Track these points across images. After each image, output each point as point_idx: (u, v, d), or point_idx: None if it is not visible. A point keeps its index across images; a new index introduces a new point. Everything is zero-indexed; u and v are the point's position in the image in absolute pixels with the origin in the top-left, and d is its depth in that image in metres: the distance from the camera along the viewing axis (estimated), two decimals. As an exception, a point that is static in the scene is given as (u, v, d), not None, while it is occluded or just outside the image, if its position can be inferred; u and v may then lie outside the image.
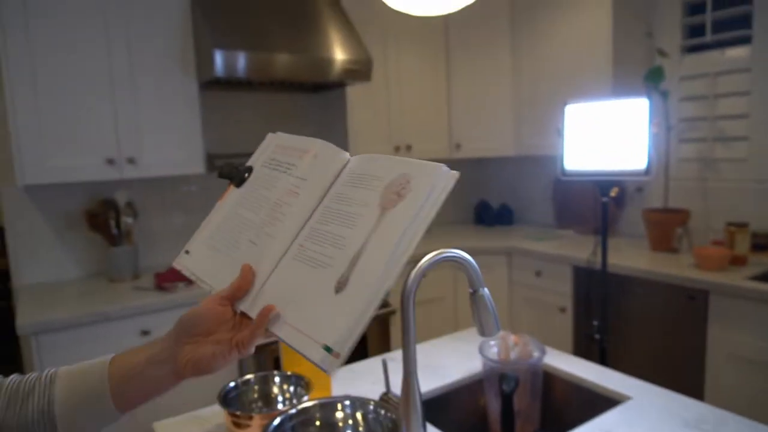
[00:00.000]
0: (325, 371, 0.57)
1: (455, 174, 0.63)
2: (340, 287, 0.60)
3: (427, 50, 2.98)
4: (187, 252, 0.74)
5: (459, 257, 0.98)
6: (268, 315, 0.61)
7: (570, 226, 3.04)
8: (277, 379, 1.06)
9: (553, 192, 3.14)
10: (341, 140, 2.77)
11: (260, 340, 0.62)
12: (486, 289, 1.02)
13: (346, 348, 0.57)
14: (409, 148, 2.93)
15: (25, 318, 1.80)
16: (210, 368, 0.61)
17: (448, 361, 1.37)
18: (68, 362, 0.64)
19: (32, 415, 0.59)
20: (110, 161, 2.14)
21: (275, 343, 2.17)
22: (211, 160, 2.62)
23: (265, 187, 0.74)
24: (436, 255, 0.96)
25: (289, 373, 1.07)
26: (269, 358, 2.23)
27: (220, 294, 0.64)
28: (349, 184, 0.68)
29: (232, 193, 0.76)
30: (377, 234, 0.61)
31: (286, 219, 0.69)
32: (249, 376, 1.05)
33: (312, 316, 0.59)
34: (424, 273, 0.95)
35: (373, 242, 0.60)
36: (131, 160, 2.18)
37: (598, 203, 1.76)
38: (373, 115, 2.82)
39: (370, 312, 0.57)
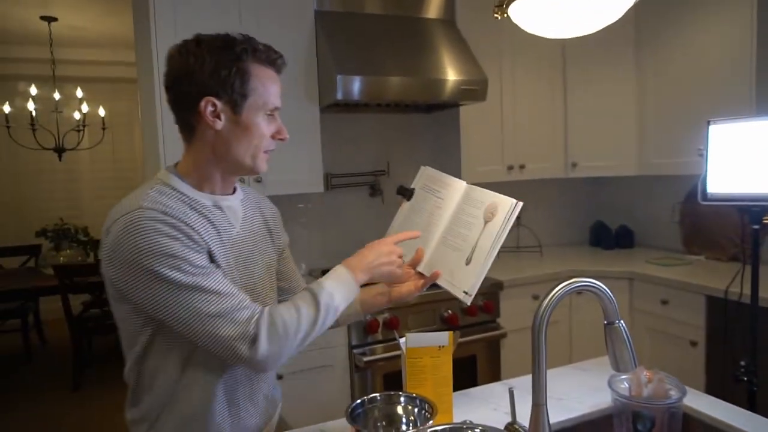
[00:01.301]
0: (465, 303, 1.08)
1: (520, 204, 1.08)
2: (468, 262, 1.11)
3: (543, 66, 2.91)
4: None
5: (595, 287, 0.94)
6: (437, 275, 1.15)
7: (701, 252, 2.79)
8: (402, 400, 1.08)
9: (682, 214, 2.90)
10: (454, 159, 2.77)
11: (428, 284, 1.17)
12: (622, 322, 0.97)
13: (474, 291, 1.08)
14: (522, 167, 2.87)
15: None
16: (406, 298, 1.20)
17: (573, 393, 1.30)
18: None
19: None
20: (241, 180, 2.31)
21: (382, 360, 2.19)
22: (328, 179, 2.74)
23: (423, 202, 1.26)
24: (569, 284, 0.93)
25: (414, 395, 1.08)
26: (377, 374, 2.27)
27: (407, 263, 1.18)
28: (467, 204, 1.18)
29: (405, 204, 1.30)
30: (483, 235, 1.10)
31: (435, 222, 1.22)
32: (375, 395, 1.08)
33: (456, 275, 1.11)
34: (557, 303, 0.92)
35: (482, 238, 1.10)
36: (258, 180, 2.34)
37: (746, 229, 1.60)
38: (487, 134, 2.79)
39: (484, 274, 1.08)
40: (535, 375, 0.92)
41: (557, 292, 0.91)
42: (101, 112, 4.67)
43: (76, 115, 4.51)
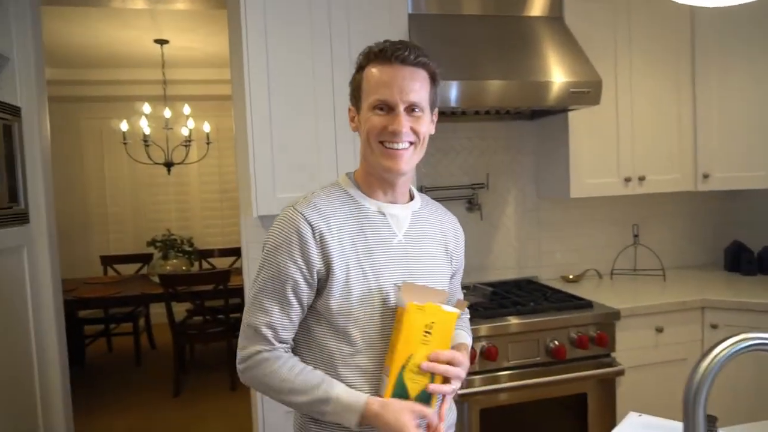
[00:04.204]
0: None
1: None
2: None
3: (667, 62, 2.54)
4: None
5: (780, 349, 0.68)
6: None
7: None
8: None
9: None
10: (562, 171, 2.49)
11: None
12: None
13: None
14: (642, 179, 2.52)
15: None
16: None
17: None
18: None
19: None
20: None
21: (480, 394, 1.97)
22: (421, 191, 2.58)
23: None
24: (739, 342, 0.68)
25: None
26: (473, 409, 2.05)
27: None
28: None
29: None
30: None
31: None
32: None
33: None
34: (721, 367, 0.67)
35: None
36: (348, 193, 2.23)
37: None
38: (599, 142, 2.48)
39: None
40: (689, 465, 0.67)
41: (721, 352, 0.66)
42: (206, 127, 4.88)
43: (184, 131, 4.75)
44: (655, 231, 2.92)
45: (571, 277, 2.73)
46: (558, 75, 2.20)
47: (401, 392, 1.01)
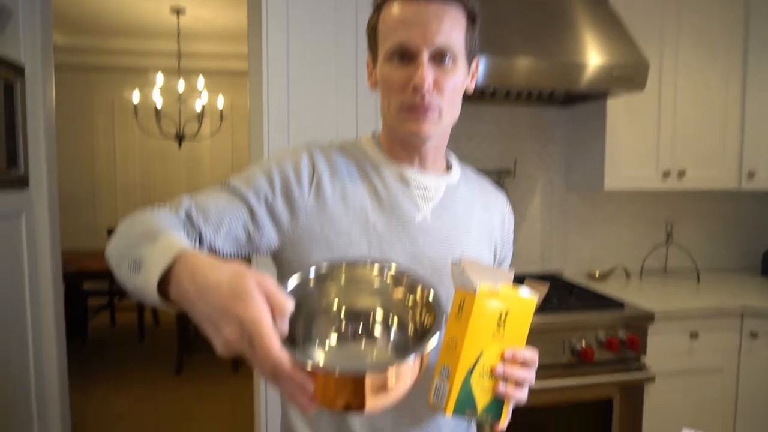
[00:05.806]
0: None
1: None
2: None
3: (717, 50, 2.36)
4: None
5: None
6: None
7: None
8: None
9: None
10: (596, 160, 2.33)
11: None
12: None
13: None
14: (681, 174, 2.34)
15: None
16: None
17: None
18: None
19: None
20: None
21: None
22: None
23: None
24: None
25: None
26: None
27: None
28: None
29: None
30: None
31: None
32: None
33: None
34: None
35: None
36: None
37: None
38: (638, 132, 2.31)
39: None
40: None
41: None
42: (220, 102, 4.74)
43: (197, 105, 4.61)
44: (689, 230, 2.75)
45: (597, 274, 2.57)
46: (601, 56, 2.03)
47: (468, 402, 0.76)
